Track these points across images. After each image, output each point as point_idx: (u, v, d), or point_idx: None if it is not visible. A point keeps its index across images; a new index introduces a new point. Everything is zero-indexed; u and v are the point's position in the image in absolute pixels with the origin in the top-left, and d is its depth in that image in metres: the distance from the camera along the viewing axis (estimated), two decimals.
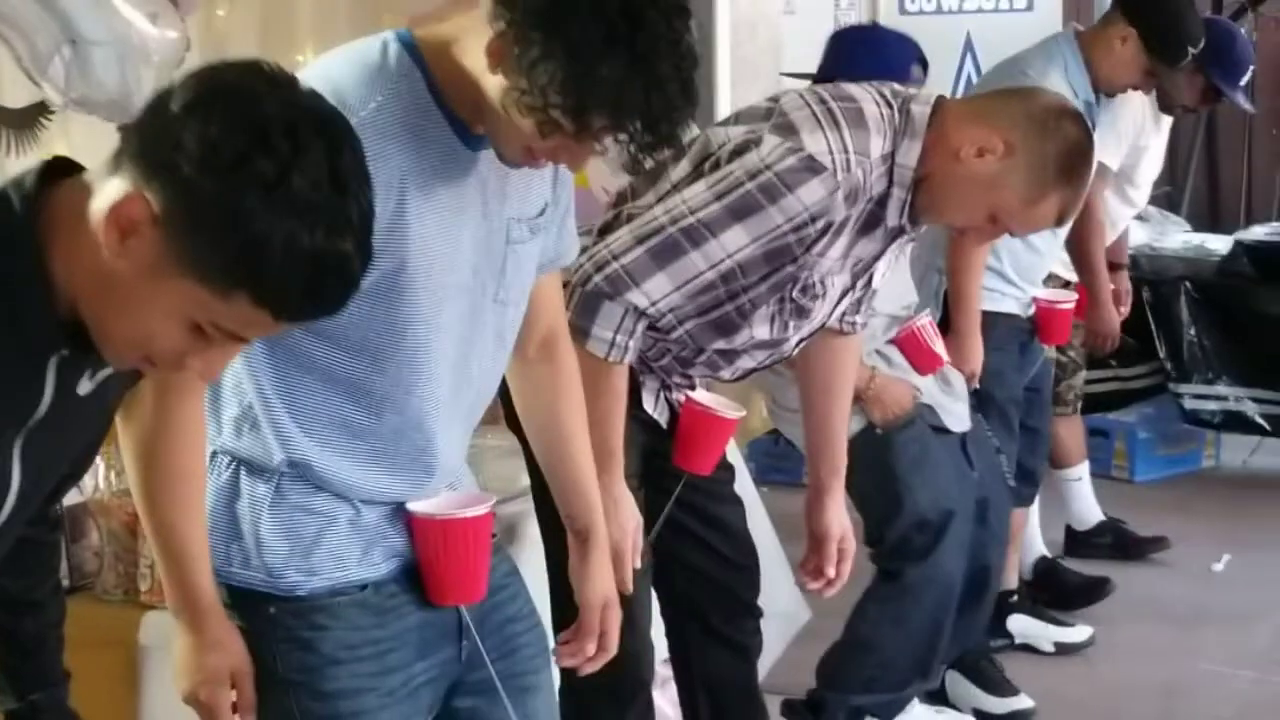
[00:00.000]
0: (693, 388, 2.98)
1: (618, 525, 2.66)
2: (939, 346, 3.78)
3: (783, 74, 4.26)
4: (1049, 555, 5.11)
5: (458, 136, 1.96)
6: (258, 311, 1.50)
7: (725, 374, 2.96)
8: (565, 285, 2.54)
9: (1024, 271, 4.29)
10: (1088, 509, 5.44)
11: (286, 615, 2.03)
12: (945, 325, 4.02)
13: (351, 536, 2.05)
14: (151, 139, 1.50)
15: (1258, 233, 6.34)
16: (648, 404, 2.93)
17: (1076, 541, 5.41)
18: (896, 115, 2.71)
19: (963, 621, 3.98)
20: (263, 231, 1.46)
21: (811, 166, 2.63)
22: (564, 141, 1.87)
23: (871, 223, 2.74)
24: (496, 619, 2.19)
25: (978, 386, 4.07)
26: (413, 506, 2.08)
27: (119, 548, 2.85)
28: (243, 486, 2.03)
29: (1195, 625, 4.92)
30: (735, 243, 2.64)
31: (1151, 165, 5.10)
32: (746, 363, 2.91)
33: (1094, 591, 4.99)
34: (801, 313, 2.79)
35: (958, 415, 3.88)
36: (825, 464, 3.05)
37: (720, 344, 2.83)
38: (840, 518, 3.05)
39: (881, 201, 2.72)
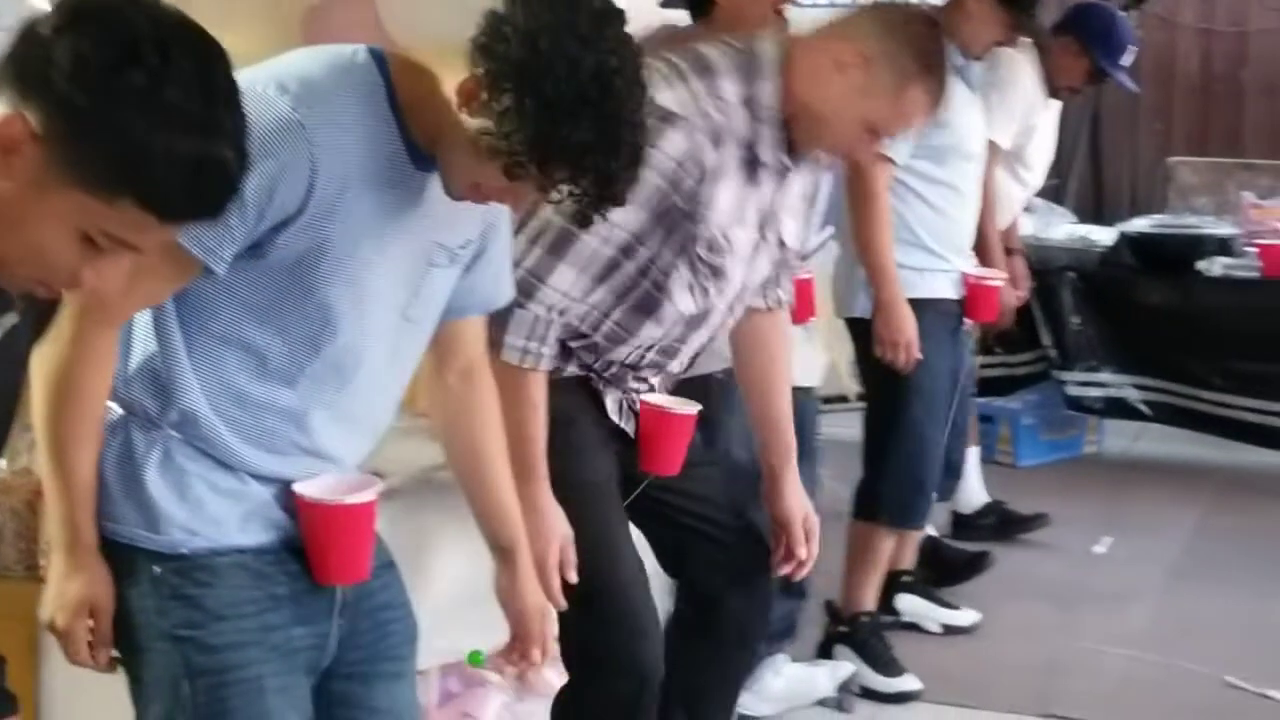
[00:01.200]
0: (652, 390, 2.99)
1: (541, 537, 2.67)
2: (815, 298, 3.87)
3: (660, 4, 4.25)
4: (934, 535, 5.23)
5: (408, 154, 2.05)
6: (144, 215, 1.52)
7: (674, 367, 2.98)
8: None
9: (942, 238, 4.32)
10: (974, 493, 5.55)
11: (170, 573, 2.07)
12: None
13: (233, 504, 2.10)
14: (24, 62, 1.52)
15: (1140, 225, 6.44)
16: (612, 413, 2.94)
17: (961, 524, 5.52)
18: (745, 57, 2.77)
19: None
20: (140, 139, 1.49)
21: (666, 118, 2.67)
22: (520, 185, 1.97)
23: (750, 167, 2.79)
24: (369, 605, 2.24)
25: (920, 357, 4.13)
26: (299, 488, 2.13)
27: (20, 525, 2.86)
28: (133, 444, 2.08)
29: (1076, 605, 5.04)
30: (619, 214, 2.64)
31: (1042, 146, 5.20)
32: (687, 350, 2.94)
33: (976, 565, 5.10)
34: (716, 273, 2.82)
35: (807, 369, 3.93)
36: (775, 451, 3.08)
37: (652, 329, 2.84)
38: (800, 499, 3.08)
39: (751, 144, 2.77)
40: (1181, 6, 7.74)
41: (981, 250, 4.72)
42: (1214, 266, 5.98)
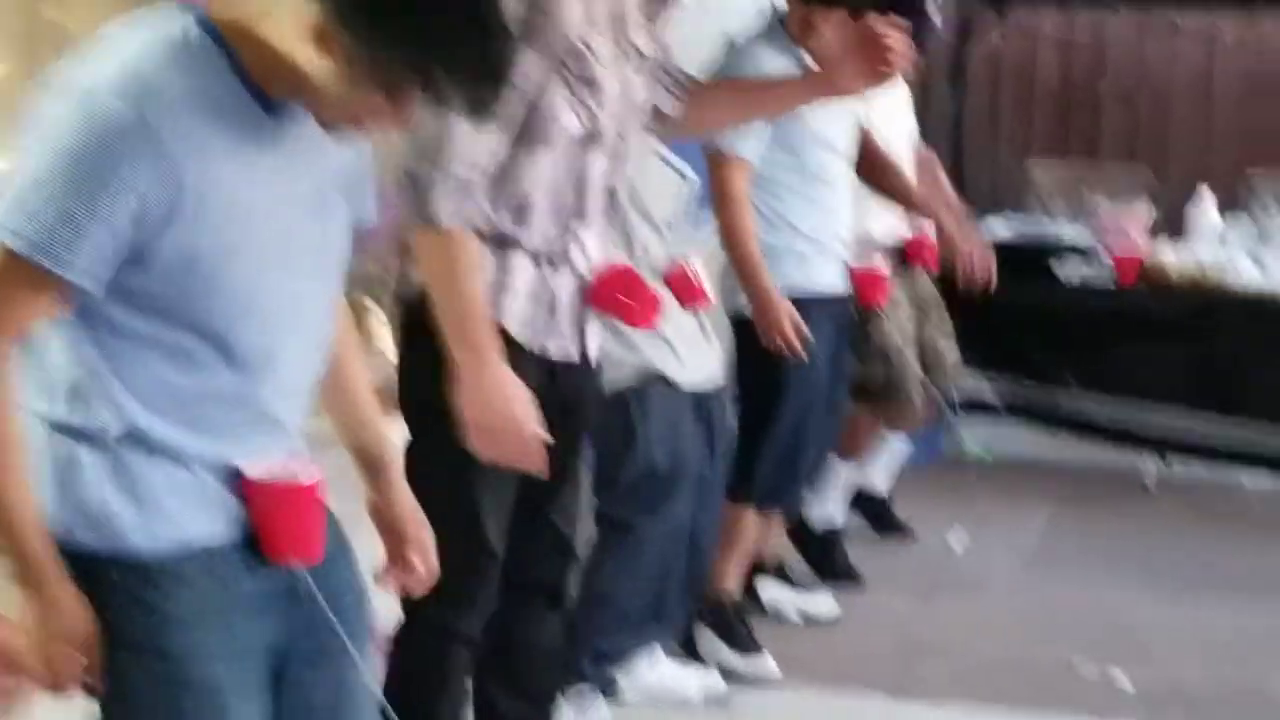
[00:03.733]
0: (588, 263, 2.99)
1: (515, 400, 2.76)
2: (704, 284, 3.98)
3: None
4: (838, 529, 5.33)
5: (261, 108, 2.01)
6: None
7: (592, 215, 2.96)
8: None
9: (820, 228, 4.37)
10: (877, 479, 5.69)
11: (130, 579, 2.03)
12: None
13: (190, 501, 2.07)
14: None
15: (998, 226, 6.57)
16: (555, 351, 2.96)
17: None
18: None
19: (689, 569, 4.18)
20: None
21: None
22: (402, 103, 1.94)
23: None
24: (325, 590, 2.21)
25: (809, 336, 4.20)
26: (249, 472, 2.11)
27: None
28: (80, 456, 2.03)
29: (933, 596, 5.20)
30: None
31: (893, 136, 5.10)
32: (594, 184, 2.92)
33: (844, 574, 5.23)
34: (591, 84, 2.83)
35: (684, 374, 4.03)
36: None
37: (550, 161, 2.86)
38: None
39: None
40: (1042, 18, 7.91)
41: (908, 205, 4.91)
42: (1070, 272, 6.13)
